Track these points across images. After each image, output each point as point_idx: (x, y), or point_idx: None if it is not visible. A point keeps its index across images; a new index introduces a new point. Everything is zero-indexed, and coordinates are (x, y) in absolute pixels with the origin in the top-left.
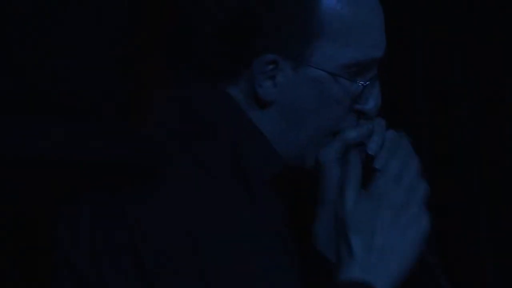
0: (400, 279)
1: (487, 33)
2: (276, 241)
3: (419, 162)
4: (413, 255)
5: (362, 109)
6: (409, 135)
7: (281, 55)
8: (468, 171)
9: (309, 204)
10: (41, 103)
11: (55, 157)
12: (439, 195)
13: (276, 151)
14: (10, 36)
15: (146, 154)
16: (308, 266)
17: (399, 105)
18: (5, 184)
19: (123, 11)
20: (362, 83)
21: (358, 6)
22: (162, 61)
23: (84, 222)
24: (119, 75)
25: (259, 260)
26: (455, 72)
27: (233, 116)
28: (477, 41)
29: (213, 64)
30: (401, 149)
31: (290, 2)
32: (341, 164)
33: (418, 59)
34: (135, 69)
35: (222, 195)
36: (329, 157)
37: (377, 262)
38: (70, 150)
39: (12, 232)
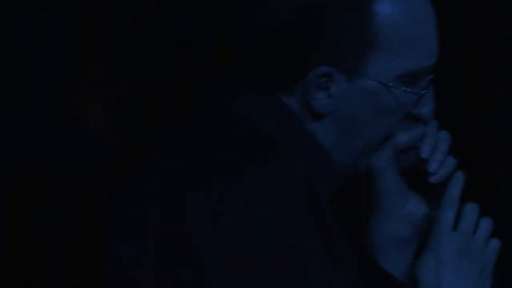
0: None
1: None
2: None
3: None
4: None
5: (417, 114)
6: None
7: (336, 67)
8: None
9: (360, 210)
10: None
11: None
12: None
13: (336, 164)
14: None
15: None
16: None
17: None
18: None
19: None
20: (417, 92)
21: (413, 17)
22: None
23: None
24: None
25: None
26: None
27: (294, 128)
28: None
29: (268, 75)
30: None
31: (345, 14)
32: (394, 169)
33: None
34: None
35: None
36: (382, 162)
37: None
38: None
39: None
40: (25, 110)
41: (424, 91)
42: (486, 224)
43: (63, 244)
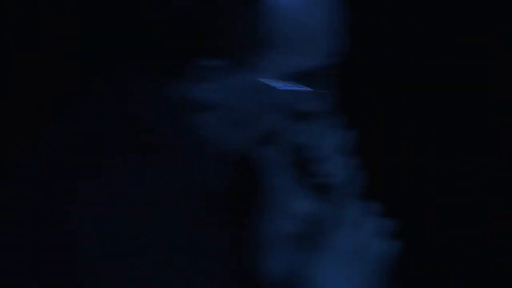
0: None
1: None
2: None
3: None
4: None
5: (308, 113)
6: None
7: (225, 60)
8: None
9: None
10: None
11: None
12: None
13: (221, 155)
14: None
15: None
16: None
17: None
18: None
19: None
20: (309, 89)
21: (306, 14)
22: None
23: None
24: None
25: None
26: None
27: (173, 118)
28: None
29: (157, 62)
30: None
31: (236, 8)
32: (286, 164)
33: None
34: None
35: None
36: (273, 157)
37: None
38: None
39: None
40: None
41: (319, 89)
42: (382, 224)
43: None
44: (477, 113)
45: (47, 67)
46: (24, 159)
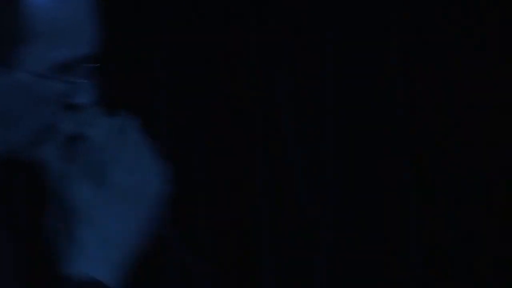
0: (128, 268)
1: None
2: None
3: (153, 148)
4: (138, 243)
5: (77, 104)
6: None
7: None
8: None
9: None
10: None
11: None
12: None
13: None
14: None
15: None
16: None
17: None
18: None
19: None
20: (74, 81)
21: (65, 7)
22: None
23: None
24: None
25: None
26: None
27: None
28: None
29: None
30: (131, 136)
31: None
32: (64, 159)
33: None
34: None
35: None
36: (49, 154)
37: (103, 255)
38: None
39: None
40: None
41: (82, 80)
42: (159, 167)
43: None
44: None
45: None
46: None
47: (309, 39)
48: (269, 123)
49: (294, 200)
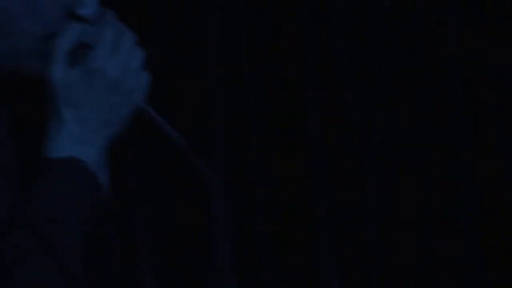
0: (106, 152)
1: None
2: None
3: (134, 36)
4: (120, 128)
5: (79, 14)
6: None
7: None
8: None
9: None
10: None
11: None
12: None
13: None
14: None
15: None
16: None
17: None
18: None
19: None
20: None
21: None
22: None
23: None
24: None
25: None
26: None
27: None
28: None
29: None
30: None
31: None
32: (71, 73)
33: None
34: None
35: None
36: (62, 72)
37: (88, 136)
38: None
39: None
40: None
41: None
42: (142, 55)
43: None
44: None
45: None
46: None
47: None
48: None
49: None
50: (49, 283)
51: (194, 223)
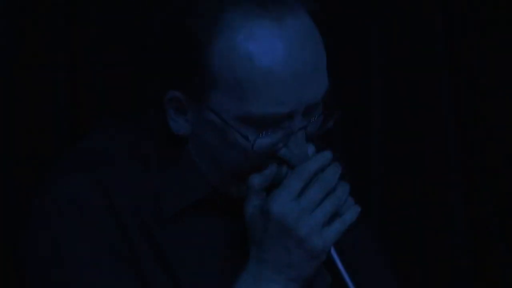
0: None
1: None
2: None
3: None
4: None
5: (281, 156)
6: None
7: (185, 94)
8: None
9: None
10: None
11: None
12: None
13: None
14: None
15: None
16: None
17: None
18: None
19: None
20: (253, 138)
21: (254, 60)
22: None
23: None
24: None
25: None
26: None
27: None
28: None
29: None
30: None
31: (187, 47)
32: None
33: None
34: None
35: None
36: (251, 210)
37: (268, 274)
38: None
39: None
40: None
41: (265, 137)
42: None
43: None
44: None
45: None
46: None
47: None
48: None
49: None
50: None
51: None
